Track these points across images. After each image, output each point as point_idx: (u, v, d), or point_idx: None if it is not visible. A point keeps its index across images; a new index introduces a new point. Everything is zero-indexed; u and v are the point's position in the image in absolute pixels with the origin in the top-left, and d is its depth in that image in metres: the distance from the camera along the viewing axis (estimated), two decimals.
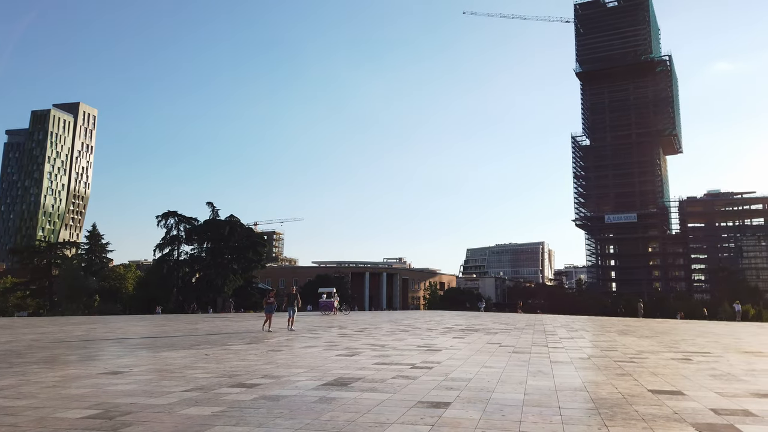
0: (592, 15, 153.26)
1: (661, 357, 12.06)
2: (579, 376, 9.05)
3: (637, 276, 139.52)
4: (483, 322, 28.99)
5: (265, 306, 21.24)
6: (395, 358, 11.60)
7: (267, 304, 21.16)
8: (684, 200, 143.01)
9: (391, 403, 6.54)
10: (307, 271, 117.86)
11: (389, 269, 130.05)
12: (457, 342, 15.82)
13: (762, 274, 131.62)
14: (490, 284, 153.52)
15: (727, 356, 12.35)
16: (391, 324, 26.71)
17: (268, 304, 21.06)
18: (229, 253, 73.69)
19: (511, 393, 7.25)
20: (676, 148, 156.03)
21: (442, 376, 8.86)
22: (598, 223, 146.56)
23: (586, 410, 6.18)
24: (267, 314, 20.89)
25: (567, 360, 11.35)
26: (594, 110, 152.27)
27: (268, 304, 21.09)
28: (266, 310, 21.03)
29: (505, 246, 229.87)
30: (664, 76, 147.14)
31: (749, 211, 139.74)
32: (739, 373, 9.45)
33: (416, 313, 50.51)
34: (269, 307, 20.95)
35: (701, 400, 6.77)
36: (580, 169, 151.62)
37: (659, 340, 17.54)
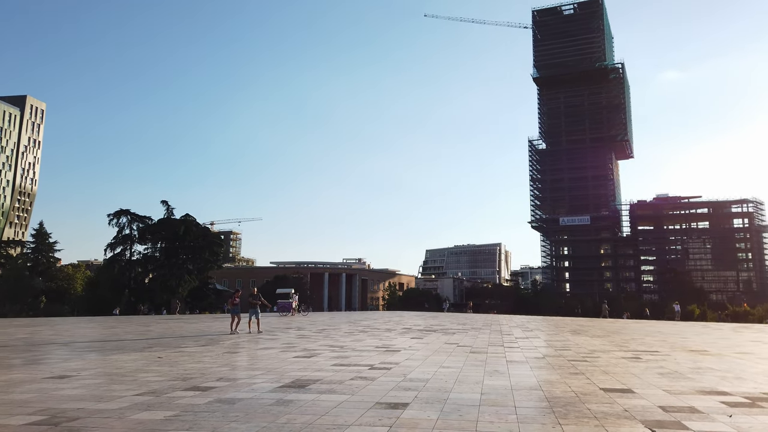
0: (550, 22, 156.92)
1: (612, 356, 12.42)
2: (534, 375, 9.22)
3: (589, 277, 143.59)
4: (441, 323, 29.25)
5: (231, 307, 20.74)
6: (354, 359, 11.56)
7: (233, 305, 20.65)
8: (634, 204, 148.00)
9: (349, 405, 6.51)
10: (265, 271, 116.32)
11: (349, 270, 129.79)
12: (415, 342, 15.90)
13: (706, 275, 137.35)
14: (448, 285, 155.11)
15: (674, 355, 12.81)
16: (349, 325, 26.65)
17: (234, 305, 20.56)
18: (184, 253, 72.05)
19: (468, 393, 7.32)
20: (627, 153, 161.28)
21: (400, 376, 8.88)
22: (554, 226, 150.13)
23: (540, 409, 6.30)
24: (233, 315, 20.39)
25: (522, 359, 11.56)
26: (550, 115, 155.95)
27: (234, 305, 20.59)
28: (232, 311, 20.55)
29: (463, 247, 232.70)
30: (617, 84, 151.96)
31: (695, 214, 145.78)
32: (685, 371, 9.81)
33: (375, 314, 50.59)
34: (235, 309, 20.46)
35: (650, 397, 6.99)
36: (536, 173, 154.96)
37: (610, 339, 18.06)
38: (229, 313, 21.01)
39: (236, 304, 20.61)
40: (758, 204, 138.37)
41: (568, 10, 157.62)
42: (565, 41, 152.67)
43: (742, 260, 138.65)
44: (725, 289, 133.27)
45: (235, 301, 20.76)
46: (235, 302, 20.68)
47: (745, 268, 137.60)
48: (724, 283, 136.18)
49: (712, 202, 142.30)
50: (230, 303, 21.00)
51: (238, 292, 21.69)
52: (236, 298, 20.89)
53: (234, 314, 20.37)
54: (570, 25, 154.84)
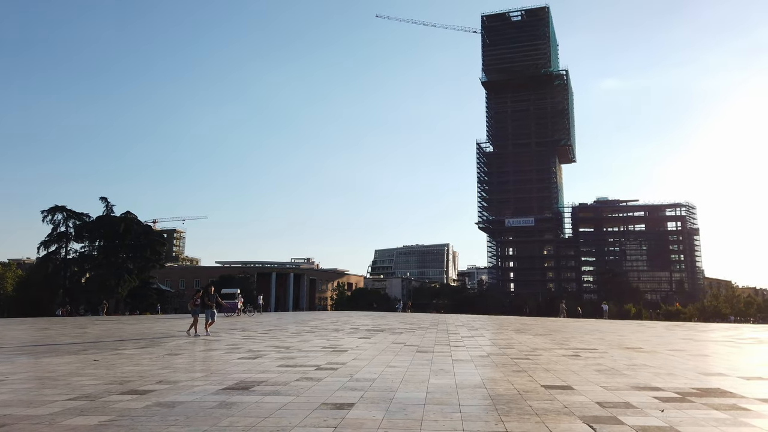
0: (498, 27, 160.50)
1: (553, 354, 12.78)
2: (478, 373, 9.38)
3: (533, 277, 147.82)
4: (389, 322, 29.37)
5: (192, 308, 19.96)
6: (300, 359, 11.44)
7: (194, 306, 19.86)
8: (576, 206, 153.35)
9: (294, 406, 6.42)
10: (209, 271, 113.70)
11: (297, 270, 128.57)
12: (362, 342, 15.89)
13: (642, 276, 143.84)
14: (396, 285, 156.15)
15: (611, 352, 13.31)
16: (296, 325, 26.39)
17: (196, 306, 19.77)
18: (124, 252, 69.51)
19: (414, 392, 7.36)
20: (570, 158, 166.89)
21: (346, 376, 8.84)
22: (499, 227, 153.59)
23: (484, 407, 6.40)
24: (194, 317, 19.61)
25: (468, 358, 11.73)
26: (498, 119, 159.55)
27: (195, 306, 19.80)
28: (193, 312, 19.78)
29: (412, 247, 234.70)
30: (562, 90, 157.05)
31: (632, 217, 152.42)
32: (621, 367, 10.21)
33: (323, 314, 50.31)
34: (196, 310, 19.68)
35: (588, 394, 7.23)
36: (484, 175, 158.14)
37: (552, 337, 18.61)
38: (192, 314, 20.07)
39: (197, 305, 19.80)
40: (690, 208, 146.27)
41: (516, 16, 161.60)
42: (512, 47, 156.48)
43: (675, 261, 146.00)
44: (659, 289, 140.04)
45: (196, 302, 19.94)
46: (196, 303, 19.87)
47: (678, 269, 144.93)
48: (658, 283, 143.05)
49: (648, 205, 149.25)
50: (191, 304, 20.16)
51: (198, 292, 20.72)
52: (197, 299, 20.05)
53: (195, 315, 19.61)
54: (518, 31, 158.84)
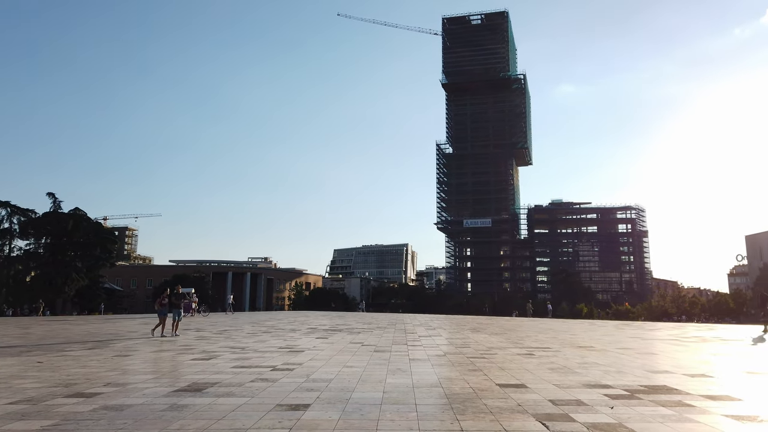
0: (458, 30, 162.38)
1: (508, 352, 12.99)
2: (435, 372, 9.43)
3: (489, 277, 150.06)
4: (347, 322, 29.28)
5: (159, 308, 19.24)
6: (255, 360, 11.25)
7: (161, 306, 19.13)
8: (532, 208, 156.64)
9: (248, 408, 6.31)
10: (163, 270, 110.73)
11: (254, 269, 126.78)
12: (320, 342, 15.77)
13: (594, 276, 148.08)
14: (355, 284, 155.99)
15: (564, 351, 13.62)
16: (253, 325, 25.99)
17: (162, 306, 19.04)
18: (73, 250, 66.96)
19: (370, 392, 7.34)
20: (527, 160, 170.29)
21: (303, 377, 8.75)
22: (458, 227, 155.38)
23: (440, 405, 6.43)
24: (160, 317, 18.88)
25: (425, 357, 11.80)
26: (457, 120, 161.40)
27: (162, 306, 19.06)
28: (159, 312, 19.06)
29: (371, 247, 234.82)
30: (519, 93, 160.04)
31: (585, 219, 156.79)
32: (573, 366, 10.45)
33: (280, 314, 49.75)
34: (163, 310, 18.95)
35: (541, 392, 7.36)
36: (443, 176, 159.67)
37: (507, 336, 18.92)
38: (158, 315, 19.32)
39: (164, 305, 19.09)
40: (640, 211, 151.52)
41: (476, 20, 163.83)
42: (472, 50, 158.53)
43: (625, 263, 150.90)
44: (610, 289, 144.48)
45: (163, 301, 19.23)
46: (163, 303, 19.16)
47: (628, 270, 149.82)
48: (609, 283, 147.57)
49: (600, 208, 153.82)
50: (157, 304, 19.43)
51: (165, 291, 19.95)
52: (164, 299, 19.32)
53: (162, 316, 18.92)
54: (477, 34, 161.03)
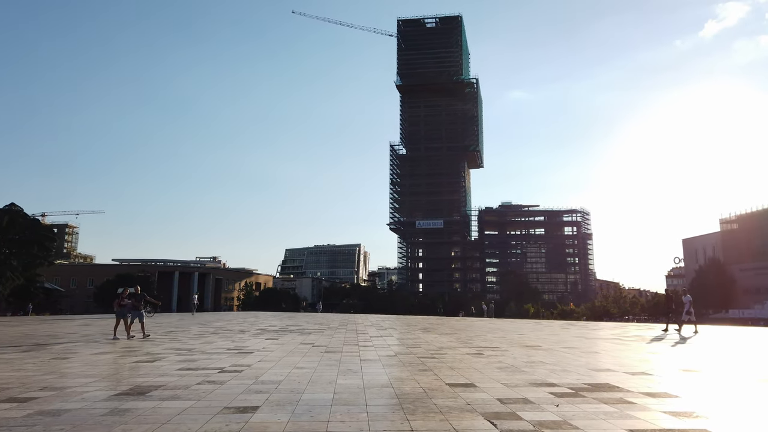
0: (413, 33, 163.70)
1: (458, 352, 13.16)
2: (386, 373, 9.44)
3: (440, 277, 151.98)
4: (298, 323, 29.01)
5: (117, 309, 18.32)
6: (202, 362, 10.97)
7: (120, 306, 18.20)
8: (482, 210, 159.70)
9: (194, 411, 6.13)
10: (105, 269, 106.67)
11: (201, 268, 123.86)
12: (270, 344, 15.54)
13: (541, 277, 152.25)
14: (307, 285, 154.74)
15: (511, 350, 13.91)
16: (200, 326, 25.37)
17: (122, 307, 18.12)
18: (7, 248, 63.70)
19: (320, 393, 7.27)
20: (478, 163, 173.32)
21: (251, 379, 8.58)
22: (410, 228, 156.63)
23: (390, 406, 6.43)
24: (118, 318, 17.98)
25: (376, 358, 11.80)
26: (411, 122, 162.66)
27: (122, 306, 18.14)
28: (118, 313, 18.16)
29: (323, 247, 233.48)
30: (472, 97, 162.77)
31: (533, 221, 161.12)
32: (521, 365, 10.68)
33: (229, 315, 48.80)
34: (122, 310, 18.05)
35: (490, 391, 7.48)
36: (396, 177, 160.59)
37: (457, 336, 19.16)
38: (116, 315, 18.38)
39: (123, 305, 18.21)
40: (585, 214, 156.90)
41: (430, 23, 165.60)
42: (426, 53, 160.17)
43: (571, 264, 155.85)
44: (556, 290, 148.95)
45: (122, 302, 18.33)
46: (122, 303, 18.26)
47: (573, 271, 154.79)
48: (555, 284, 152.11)
49: (547, 211, 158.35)
50: (116, 304, 18.50)
51: (125, 291, 18.99)
52: (123, 299, 18.42)
53: (120, 317, 18.04)
54: (432, 38, 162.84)
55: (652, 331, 23.97)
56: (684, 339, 18.53)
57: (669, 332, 21.97)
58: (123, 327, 17.82)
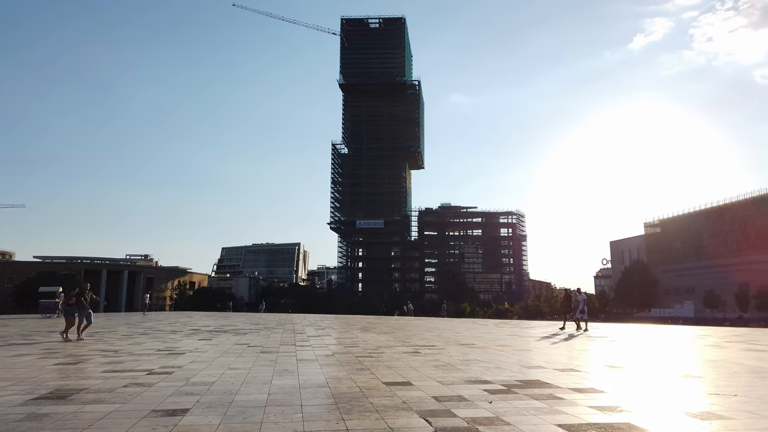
0: (356, 32, 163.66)
1: (396, 351, 13.22)
2: (323, 372, 9.34)
3: (380, 277, 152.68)
4: (233, 323, 28.36)
5: (65, 308, 16.96)
6: (130, 364, 10.49)
7: (68, 305, 16.88)
8: (422, 211, 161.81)
9: (119, 415, 5.83)
10: (25, 266, 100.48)
11: (132, 267, 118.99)
12: (203, 344, 15.08)
13: (477, 277, 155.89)
14: (243, 284, 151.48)
15: (448, 348, 14.11)
16: (128, 327, 24.31)
17: (70, 306, 16.82)
18: None
19: (255, 394, 7.10)
20: (419, 164, 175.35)
21: (182, 381, 8.28)
22: (351, 228, 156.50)
23: (326, 406, 6.36)
24: (67, 318, 16.69)
25: (313, 357, 11.67)
26: (353, 121, 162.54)
27: (69, 305, 16.83)
28: (65, 313, 16.81)
29: (262, 246, 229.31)
30: (414, 99, 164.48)
31: (471, 223, 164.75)
32: (456, 363, 10.84)
33: (161, 315, 47.10)
34: (70, 310, 16.75)
35: (426, 389, 7.54)
36: (338, 176, 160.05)
37: (395, 335, 19.27)
38: (64, 315, 17.05)
39: (72, 304, 16.94)
40: (520, 216, 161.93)
41: (374, 23, 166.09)
42: (370, 53, 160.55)
43: (506, 264, 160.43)
44: (491, 290, 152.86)
45: (70, 301, 17.04)
46: (69, 302, 16.98)
47: (508, 271, 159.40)
48: (491, 284, 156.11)
49: (485, 212, 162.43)
50: (63, 304, 17.17)
51: (73, 290, 17.66)
52: (72, 298, 17.13)
53: (68, 317, 16.78)
54: (375, 38, 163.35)
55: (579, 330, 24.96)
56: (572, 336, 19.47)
57: (566, 330, 22.97)
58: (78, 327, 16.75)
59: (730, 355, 13.10)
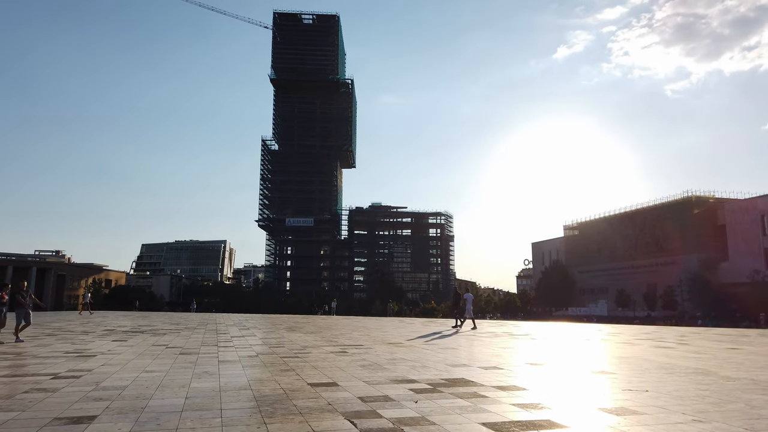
0: (289, 27, 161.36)
1: (322, 351, 13.02)
2: (245, 374, 9.02)
3: (309, 276, 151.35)
4: (151, 323, 27.12)
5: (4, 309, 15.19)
6: (33, 367, 9.71)
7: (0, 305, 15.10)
8: (353, 210, 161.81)
9: (16, 424, 5.33)
10: None
11: (41, 263, 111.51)
12: (117, 346, 14.25)
13: (406, 276, 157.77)
14: (165, 282, 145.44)
15: (375, 348, 14.07)
16: (35, 328, 22.64)
17: (2, 305, 15.03)
18: None
19: (171, 398, 6.72)
20: (351, 163, 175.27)
21: (91, 385, 7.72)
22: (280, 226, 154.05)
23: (248, 409, 6.11)
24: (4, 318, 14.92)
25: (235, 359, 11.27)
26: (285, 118, 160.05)
27: (2, 305, 15.04)
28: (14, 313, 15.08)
29: (185, 243, 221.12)
30: (347, 97, 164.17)
31: (401, 223, 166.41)
32: (383, 362, 10.80)
33: (72, 315, 44.36)
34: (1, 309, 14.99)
35: (352, 389, 7.42)
36: (267, 172, 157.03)
37: (322, 335, 19.05)
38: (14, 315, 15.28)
39: (4, 303, 15.18)
40: (448, 217, 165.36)
41: (307, 19, 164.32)
42: (303, 49, 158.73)
43: (433, 264, 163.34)
44: (419, 289, 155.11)
45: (3, 300, 15.27)
46: (3, 302, 15.22)
47: (435, 271, 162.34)
48: (419, 283, 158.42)
49: (414, 212, 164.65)
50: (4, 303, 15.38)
51: (6, 287, 15.82)
52: (5, 296, 15.34)
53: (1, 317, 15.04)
54: (308, 34, 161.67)
55: (503, 328, 25.74)
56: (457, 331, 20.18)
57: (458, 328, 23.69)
58: None
59: (640, 352, 13.85)
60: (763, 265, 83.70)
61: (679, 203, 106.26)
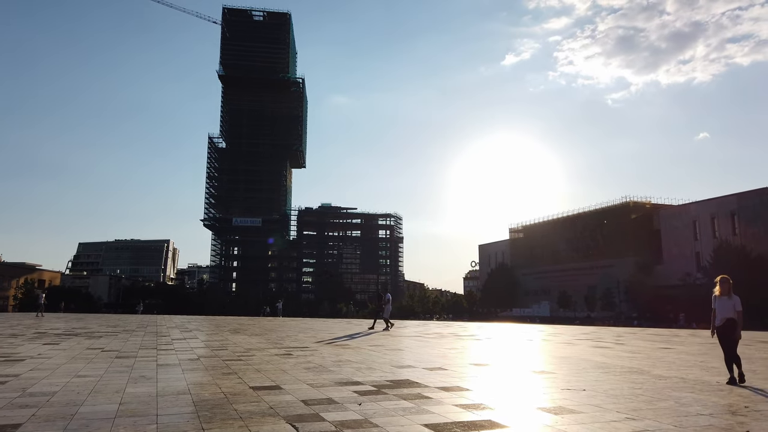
0: (239, 23, 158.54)
1: (267, 353, 12.79)
2: (185, 378, 8.74)
3: (256, 277, 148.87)
4: (87, 325, 25.99)
5: None
6: None
7: None
8: (302, 210, 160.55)
9: None
10: None
11: None
12: (48, 349, 13.54)
13: (355, 277, 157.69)
14: (103, 283, 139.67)
15: (321, 350, 13.94)
16: None
17: None
18: None
19: (103, 404, 6.42)
20: (300, 163, 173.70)
21: (17, 391, 7.29)
22: (226, 225, 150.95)
23: (186, 414, 5.90)
24: None
25: (175, 362, 10.92)
26: (233, 115, 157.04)
27: None
28: None
29: (125, 242, 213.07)
30: (297, 97, 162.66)
31: (351, 224, 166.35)
32: (328, 364, 10.70)
33: (1, 317, 42.00)
34: None
35: (295, 392, 7.30)
36: (214, 171, 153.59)
37: (267, 337, 18.74)
38: None
39: None
40: (398, 219, 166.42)
41: (258, 16, 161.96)
42: (252, 45, 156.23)
43: (383, 265, 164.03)
44: (368, 290, 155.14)
45: None
46: None
47: (384, 272, 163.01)
48: (368, 284, 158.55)
49: (364, 214, 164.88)
50: None
51: None
52: None
53: None
54: (259, 31, 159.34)
55: (449, 329, 26.08)
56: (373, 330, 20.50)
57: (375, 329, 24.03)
58: None
59: (579, 352, 14.31)
60: (695, 268, 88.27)
61: (617, 208, 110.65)
